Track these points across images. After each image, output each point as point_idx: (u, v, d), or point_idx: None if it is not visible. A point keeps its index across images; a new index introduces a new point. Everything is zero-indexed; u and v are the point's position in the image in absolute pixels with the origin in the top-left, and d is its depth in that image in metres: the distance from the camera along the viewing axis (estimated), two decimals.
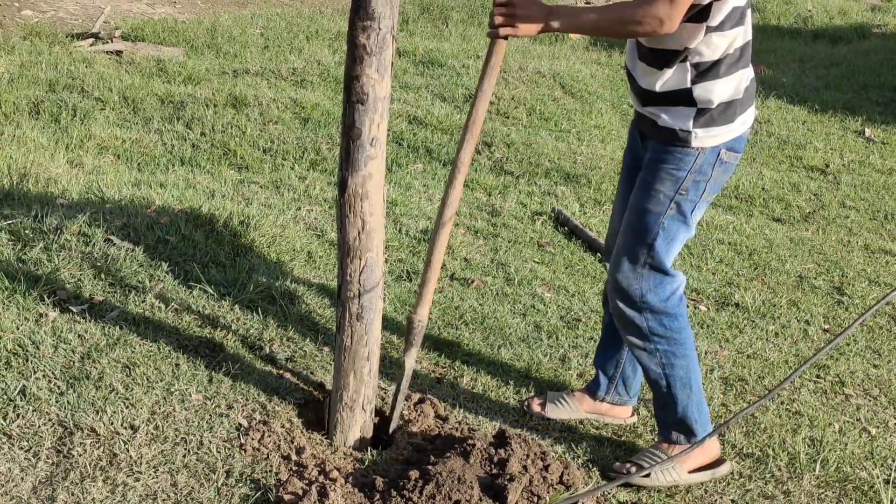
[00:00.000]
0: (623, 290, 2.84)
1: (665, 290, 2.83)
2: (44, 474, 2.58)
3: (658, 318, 2.85)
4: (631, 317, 2.86)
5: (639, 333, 2.88)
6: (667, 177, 2.74)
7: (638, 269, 2.81)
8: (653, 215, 2.77)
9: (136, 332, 3.22)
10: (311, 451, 2.79)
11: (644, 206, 2.78)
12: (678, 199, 2.74)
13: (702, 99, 2.66)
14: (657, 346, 2.87)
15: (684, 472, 2.94)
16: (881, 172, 6.55)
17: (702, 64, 2.63)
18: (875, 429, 3.39)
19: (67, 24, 8.07)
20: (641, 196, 2.79)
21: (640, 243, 2.79)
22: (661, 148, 2.75)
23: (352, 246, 2.64)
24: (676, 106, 2.69)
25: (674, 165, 2.72)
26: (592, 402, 3.23)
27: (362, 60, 2.45)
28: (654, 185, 2.75)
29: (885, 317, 4.30)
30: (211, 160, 5.37)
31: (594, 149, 6.25)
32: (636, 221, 2.80)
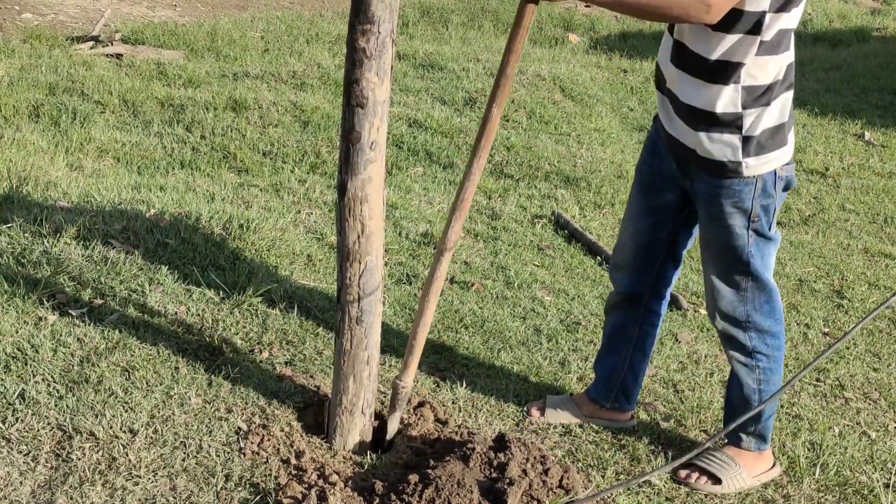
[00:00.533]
0: (728, 314, 2.85)
1: (770, 308, 2.85)
2: (43, 478, 2.58)
3: (762, 337, 2.88)
4: (735, 335, 2.88)
5: (742, 350, 2.90)
6: (734, 210, 2.68)
7: (741, 293, 2.81)
8: (737, 248, 2.74)
9: (135, 336, 3.21)
10: (311, 455, 2.79)
11: (724, 243, 2.75)
12: (754, 227, 2.70)
13: (749, 125, 2.58)
14: (758, 363, 2.91)
15: (749, 477, 2.98)
16: (881, 176, 6.55)
17: (755, 88, 2.55)
18: (875, 432, 3.38)
19: (67, 28, 8.07)
20: (716, 232, 2.75)
21: (735, 272, 2.78)
22: (715, 182, 2.68)
23: (351, 249, 2.64)
24: (722, 131, 2.60)
25: (736, 198, 2.66)
26: (592, 406, 3.23)
27: (362, 64, 2.44)
28: (724, 220, 2.70)
29: (884, 320, 4.30)
30: (211, 163, 5.37)
31: (594, 152, 6.25)
32: (722, 256, 2.78)
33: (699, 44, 2.55)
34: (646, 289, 3.08)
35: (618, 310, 3.15)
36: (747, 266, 2.76)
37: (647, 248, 3.00)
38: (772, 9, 2.46)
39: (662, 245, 2.99)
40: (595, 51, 9.73)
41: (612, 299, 3.17)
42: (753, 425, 2.98)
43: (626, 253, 3.05)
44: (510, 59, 2.47)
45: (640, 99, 7.87)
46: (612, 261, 3.17)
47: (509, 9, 10.72)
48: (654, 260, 3.02)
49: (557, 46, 9.82)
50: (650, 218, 2.96)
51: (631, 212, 3.02)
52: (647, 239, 2.99)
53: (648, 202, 2.95)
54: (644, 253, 3.01)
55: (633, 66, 8.72)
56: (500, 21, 10.38)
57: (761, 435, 3.01)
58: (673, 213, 2.92)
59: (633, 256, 3.04)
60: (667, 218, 2.93)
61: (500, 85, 2.51)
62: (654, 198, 2.93)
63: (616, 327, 3.18)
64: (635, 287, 3.08)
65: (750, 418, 2.95)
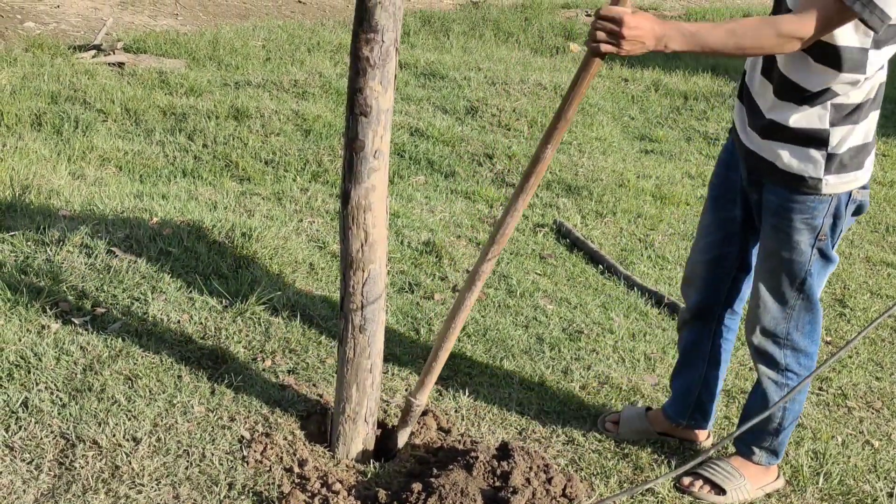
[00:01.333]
0: (769, 329, 2.83)
1: (812, 329, 2.83)
2: (46, 487, 2.58)
3: (797, 356, 2.86)
4: (770, 351, 2.86)
5: (775, 367, 2.88)
6: (803, 227, 2.65)
7: (787, 310, 2.79)
8: (797, 264, 2.71)
9: (138, 344, 3.21)
10: (314, 464, 2.79)
11: (786, 256, 2.71)
12: (819, 245, 2.68)
13: (835, 143, 2.54)
14: (788, 381, 2.88)
15: (753, 489, 2.99)
16: (882, 185, 6.55)
17: (845, 106, 2.51)
18: (878, 441, 3.38)
19: (70, 36, 8.09)
20: (780, 245, 2.71)
21: (788, 287, 2.75)
22: (789, 196, 2.64)
23: (355, 258, 2.64)
24: (805, 147, 2.56)
25: (808, 215, 2.63)
26: (667, 423, 3.21)
27: (365, 73, 2.45)
28: (791, 235, 2.67)
29: (887, 329, 4.30)
30: (213, 172, 5.38)
31: (596, 161, 6.25)
32: (780, 269, 2.74)
33: (798, 74, 2.51)
34: (717, 303, 3.04)
35: (689, 325, 3.12)
36: (802, 283, 2.73)
37: (718, 262, 2.97)
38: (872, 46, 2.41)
39: (733, 258, 2.96)
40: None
41: (683, 316, 3.14)
42: (770, 440, 2.97)
43: (697, 267, 3.03)
44: (572, 103, 2.41)
45: (642, 108, 7.88)
46: (684, 276, 3.13)
47: (510, 18, 10.75)
48: (726, 274, 2.99)
49: (559, 55, 9.83)
50: (721, 231, 2.93)
51: (702, 226, 3.00)
52: (717, 253, 2.96)
53: (719, 215, 2.92)
54: (714, 267, 2.99)
55: (634, 76, 8.73)
56: (500, 30, 10.39)
57: (775, 451, 3.00)
58: (742, 227, 2.90)
59: (704, 270, 3.01)
60: (736, 231, 2.91)
61: (557, 128, 2.45)
62: (725, 210, 2.90)
63: (689, 343, 3.14)
64: (706, 301, 3.05)
65: (769, 435, 2.95)
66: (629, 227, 5.25)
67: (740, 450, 3.04)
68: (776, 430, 2.95)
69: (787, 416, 2.93)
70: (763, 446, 2.99)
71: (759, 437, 2.98)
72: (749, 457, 3.01)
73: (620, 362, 3.70)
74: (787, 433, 2.98)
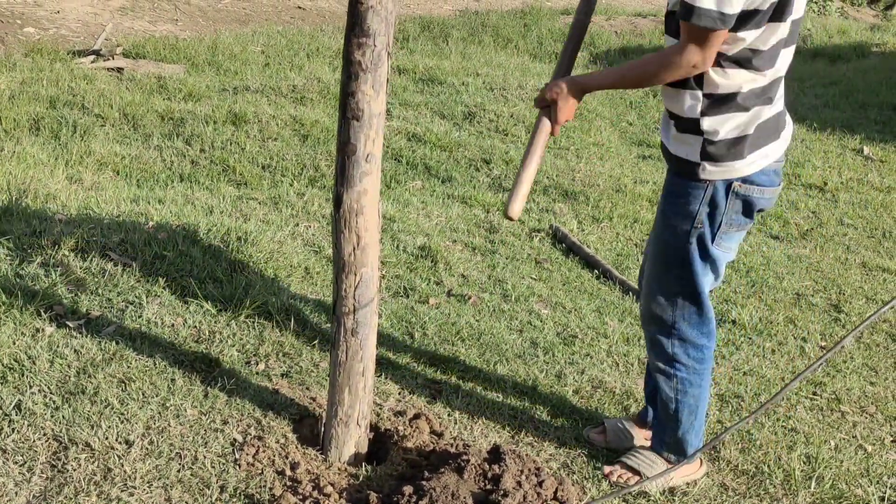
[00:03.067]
0: (656, 316, 2.85)
1: (700, 322, 2.84)
2: (38, 489, 2.58)
3: (684, 347, 2.87)
4: (659, 340, 2.88)
5: (663, 358, 2.90)
6: (679, 210, 2.71)
7: (672, 297, 2.81)
8: (674, 248, 2.75)
9: (132, 348, 3.22)
10: (306, 467, 2.79)
11: (665, 239, 2.76)
12: (697, 234, 2.71)
13: (709, 131, 2.61)
14: (677, 372, 2.90)
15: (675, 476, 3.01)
16: (879, 190, 6.56)
17: (714, 95, 2.58)
18: (871, 446, 3.38)
19: (69, 42, 8.11)
20: (661, 227, 2.77)
21: (669, 273, 2.79)
22: (673, 178, 2.74)
23: (347, 261, 2.65)
24: (685, 133, 2.66)
25: (684, 199, 2.69)
26: (643, 430, 3.22)
27: (357, 77, 2.46)
28: (670, 217, 2.74)
29: (881, 334, 4.30)
30: (210, 176, 5.39)
31: (592, 166, 6.26)
32: (661, 251, 2.79)
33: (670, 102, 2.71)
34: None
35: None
36: (682, 271, 2.76)
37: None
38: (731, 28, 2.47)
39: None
40: (595, 65, 9.77)
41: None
42: (671, 436, 2.98)
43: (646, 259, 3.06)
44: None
45: (640, 113, 7.90)
46: (639, 280, 3.13)
47: (509, 24, 10.77)
48: None
49: (556, 61, 9.86)
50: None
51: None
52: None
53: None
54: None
55: None
56: (499, 36, 10.42)
57: (681, 447, 3.00)
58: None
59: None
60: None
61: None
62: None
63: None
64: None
65: (668, 429, 2.97)
66: (625, 232, 5.26)
67: (654, 446, 3.07)
68: (674, 424, 2.96)
69: (682, 409, 2.93)
70: (665, 441, 3.01)
71: (663, 432, 3.01)
72: (660, 452, 3.03)
73: (614, 367, 3.71)
74: (686, 428, 2.96)
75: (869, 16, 15.12)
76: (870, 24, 13.97)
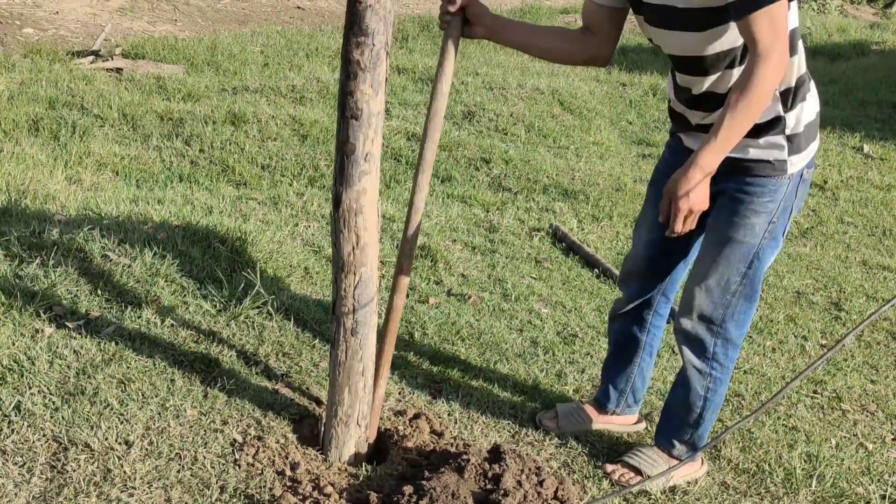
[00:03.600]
0: (704, 313, 2.82)
1: (745, 320, 2.84)
2: (38, 490, 2.58)
3: (726, 347, 2.86)
4: (701, 338, 2.85)
5: (702, 355, 2.88)
6: (761, 209, 2.68)
7: (727, 296, 2.79)
8: (748, 246, 2.72)
9: (131, 348, 3.22)
10: (306, 467, 2.79)
11: (738, 239, 2.73)
12: (771, 228, 2.71)
13: (792, 125, 2.61)
14: (713, 371, 2.89)
15: (677, 476, 3.01)
16: (879, 188, 6.56)
17: (788, 90, 2.58)
18: (872, 444, 3.38)
19: (68, 42, 8.11)
20: (734, 229, 2.72)
21: (734, 272, 2.76)
22: (751, 181, 2.68)
23: (346, 261, 2.65)
24: (767, 136, 2.62)
25: (768, 198, 2.67)
26: (601, 414, 3.24)
27: (356, 76, 2.46)
28: (748, 217, 2.70)
29: (882, 332, 4.29)
30: (209, 177, 5.39)
31: (592, 165, 6.26)
32: (729, 252, 2.75)
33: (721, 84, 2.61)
34: (656, 293, 3.09)
35: (626, 317, 3.15)
36: (749, 268, 2.75)
37: (663, 256, 3.00)
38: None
39: (676, 253, 3.00)
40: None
41: (621, 307, 3.15)
42: (690, 433, 2.98)
43: (640, 262, 3.04)
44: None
45: (639, 112, 7.90)
46: (623, 269, 3.14)
47: None
48: (669, 267, 3.03)
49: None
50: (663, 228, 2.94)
51: (645, 223, 3.02)
52: (659, 249, 2.98)
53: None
54: (659, 260, 3.01)
55: (631, 80, 8.75)
56: None
57: (694, 444, 3.00)
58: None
59: (648, 265, 3.03)
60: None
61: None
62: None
63: (623, 334, 3.17)
64: (646, 294, 3.08)
65: (688, 427, 2.97)
66: (625, 231, 5.25)
67: (660, 443, 3.05)
68: (696, 422, 2.96)
69: (708, 408, 2.93)
70: (683, 440, 3.00)
71: (679, 429, 3.00)
72: (669, 451, 3.02)
73: None
74: (706, 426, 2.98)
75: (868, 14, 15.11)
76: (869, 22, 13.97)
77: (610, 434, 3.25)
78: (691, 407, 2.94)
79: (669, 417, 3.03)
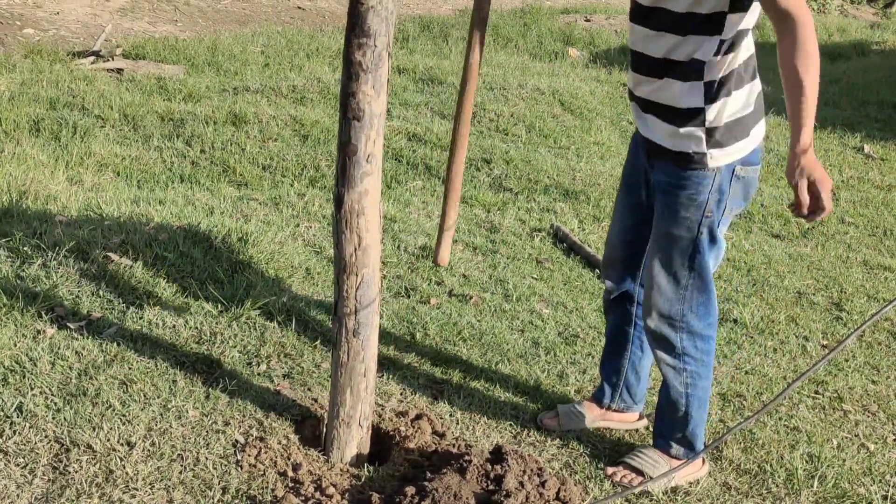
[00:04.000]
0: (662, 311, 2.85)
1: (707, 312, 2.86)
2: (40, 491, 2.58)
3: (693, 340, 2.88)
4: (666, 335, 2.88)
5: (671, 352, 2.91)
6: (689, 202, 2.72)
7: (680, 290, 2.82)
8: (685, 241, 2.76)
9: (133, 349, 3.22)
10: (308, 468, 2.79)
11: (674, 233, 2.77)
12: (706, 222, 2.73)
13: (712, 118, 2.63)
14: (686, 365, 2.91)
15: (678, 476, 3.01)
16: (880, 189, 6.56)
17: (713, 82, 2.60)
18: (873, 445, 3.38)
19: (69, 43, 8.11)
20: (668, 223, 2.77)
21: (680, 267, 2.80)
22: (676, 172, 2.73)
23: (348, 262, 2.65)
24: (686, 126, 2.66)
25: (693, 190, 2.70)
26: (600, 410, 3.26)
27: (358, 77, 2.46)
28: (678, 211, 2.74)
29: (883, 332, 4.29)
30: (210, 177, 5.39)
31: (593, 165, 6.26)
32: (669, 247, 2.79)
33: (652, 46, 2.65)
34: (635, 285, 3.11)
35: (613, 310, 3.19)
36: (692, 261, 2.78)
37: (634, 245, 3.04)
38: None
39: (646, 240, 3.01)
40: (595, 65, 9.76)
41: (606, 298, 3.21)
42: (682, 430, 2.99)
43: (615, 250, 3.10)
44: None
45: None
46: (604, 262, 3.20)
47: (509, 23, 10.77)
48: (641, 256, 3.05)
49: (557, 60, 9.86)
50: (634, 216, 3.00)
51: (617, 211, 3.09)
52: (632, 236, 3.03)
53: (631, 200, 3.00)
54: (631, 250, 3.05)
55: None
56: (499, 35, 10.42)
57: (690, 443, 3.01)
58: (649, 210, 2.95)
59: (622, 254, 3.08)
60: (648, 215, 2.96)
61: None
62: (635, 196, 2.97)
63: (614, 328, 3.21)
64: (625, 284, 3.11)
65: (678, 425, 2.98)
66: None
67: (658, 444, 3.06)
68: (684, 419, 2.97)
69: (692, 403, 2.95)
70: (676, 438, 3.01)
71: (672, 428, 3.01)
72: (667, 451, 3.03)
73: None
74: (696, 422, 2.98)
75: (869, 14, 15.12)
76: (870, 22, 13.98)
77: (611, 434, 3.25)
78: (676, 405, 2.97)
79: (661, 417, 3.06)
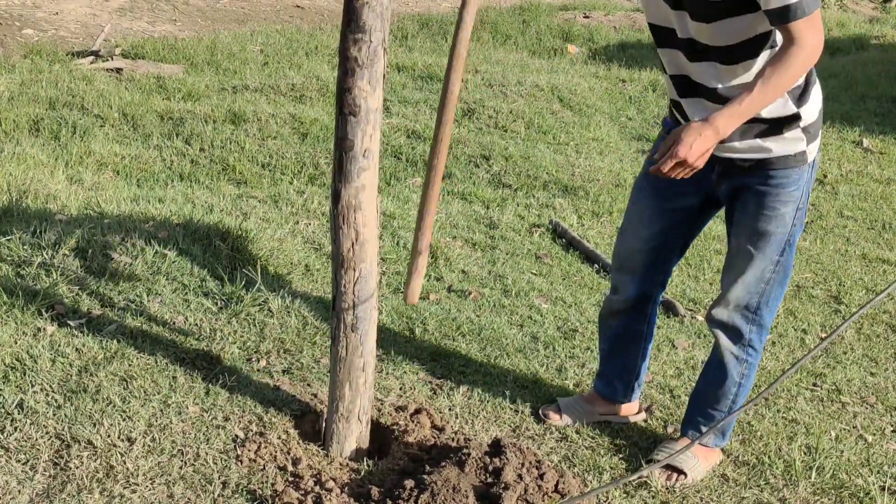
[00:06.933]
0: (741, 302, 2.88)
1: (776, 307, 2.92)
2: (41, 487, 2.59)
3: (760, 333, 2.93)
4: (738, 325, 2.91)
5: (738, 341, 2.93)
6: (788, 199, 2.75)
7: (762, 285, 2.85)
8: (780, 236, 2.79)
9: (133, 346, 3.23)
10: (307, 462, 2.81)
11: (772, 230, 2.78)
12: (799, 214, 2.79)
13: (806, 117, 2.68)
14: (748, 357, 2.95)
15: (704, 469, 3.06)
16: (879, 182, 6.57)
17: (800, 86, 2.64)
18: (871, 436, 3.39)
19: (68, 43, 8.12)
20: (765, 222, 2.77)
21: (769, 262, 2.82)
22: (776, 174, 2.73)
23: (345, 257, 2.66)
24: (789, 131, 2.68)
25: (793, 187, 2.74)
26: (607, 404, 3.27)
27: (354, 73, 2.47)
28: (777, 208, 2.75)
29: (881, 325, 4.30)
30: (210, 175, 5.40)
31: (592, 161, 6.27)
32: (765, 245, 2.80)
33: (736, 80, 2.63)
34: (656, 287, 3.12)
35: (624, 314, 3.15)
36: (782, 254, 2.81)
37: (661, 251, 3.01)
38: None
39: (675, 246, 3.03)
40: (594, 61, 9.76)
41: (616, 305, 3.15)
42: (720, 421, 3.02)
43: (637, 256, 3.03)
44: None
45: (639, 108, 7.90)
46: (617, 266, 3.12)
47: (508, 20, 10.77)
48: (667, 261, 3.06)
49: (556, 57, 9.86)
50: (665, 221, 2.95)
51: (641, 216, 3.00)
52: (660, 242, 2.99)
53: (664, 205, 2.93)
54: (657, 255, 3.02)
55: (631, 76, 8.75)
56: (498, 33, 10.42)
57: (724, 431, 3.07)
58: (692, 215, 2.95)
59: (645, 258, 3.03)
60: (684, 220, 2.96)
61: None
62: (672, 201, 2.91)
63: (623, 329, 3.18)
64: (645, 289, 3.09)
65: (719, 414, 3.01)
66: None
67: (689, 434, 3.08)
68: (729, 408, 3.01)
69: (741, 393, 3.00)
70: (712, 427, 3.02)
71: (712, 417, 3.04)
72: (701, 442, 3.03)
73: None
74: (739, 413, 3.04)
75: (868, 8, 15.11)
76: (869, 16, 13.96)
77: (610, 427, 3.26)
78: (726, 393, 3.00)
79: (701, 406, 3.06)
